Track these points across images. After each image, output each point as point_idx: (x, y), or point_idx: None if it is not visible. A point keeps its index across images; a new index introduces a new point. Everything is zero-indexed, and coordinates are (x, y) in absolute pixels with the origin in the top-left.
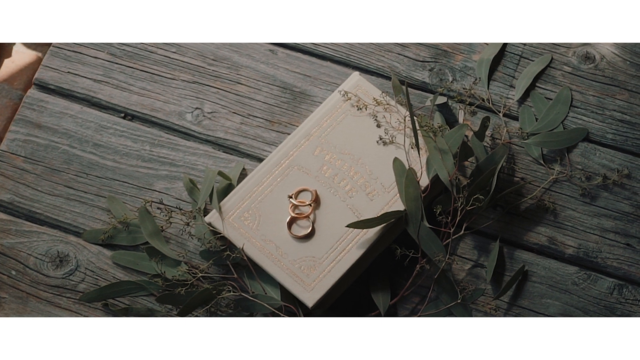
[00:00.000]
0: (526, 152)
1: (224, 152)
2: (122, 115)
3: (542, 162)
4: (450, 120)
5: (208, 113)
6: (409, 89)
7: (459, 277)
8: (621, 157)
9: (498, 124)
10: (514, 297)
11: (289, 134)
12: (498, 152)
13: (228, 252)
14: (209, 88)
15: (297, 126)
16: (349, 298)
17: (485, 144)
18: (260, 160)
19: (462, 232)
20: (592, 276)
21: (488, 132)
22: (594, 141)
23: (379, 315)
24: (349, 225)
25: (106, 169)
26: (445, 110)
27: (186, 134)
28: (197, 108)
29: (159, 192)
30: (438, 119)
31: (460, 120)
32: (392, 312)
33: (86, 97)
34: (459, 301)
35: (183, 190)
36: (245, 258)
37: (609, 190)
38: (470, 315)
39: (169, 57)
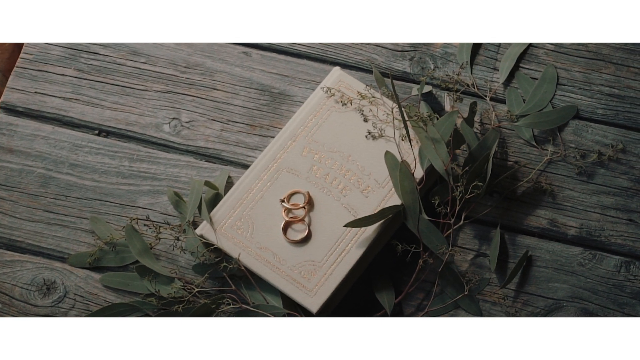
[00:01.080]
0: (517, 134)
1: (206, 161)
2: (97, 132)
3: (534, 143)
4: (436, 109)
5: (186, 122)
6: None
7: (462, 268)
8: (614, 131)
9: (485, 108)
10: (520, 283)
11: (272, 137)
12: (489, 137)
13: (225, 264)
14: (184, 97)
15: (280, 128)
16: (352, 300)
17: (475, 130)
18: (245, 166)
19: (462, 221)
20: (598, 255)
21: (477, 118)
22: (585, 118)
23: (385, 314)
24: (347, 225)
25: (86, 189)
26: (429, 99)
27: (165, 146)
28: (174, 118)
29: (143, 208)
30: (424, 109)
31: (447, 107)
32: (397, 310)
33: (57, 117)
34: (465, 293)
35: (168, 205)
36: (242, 268)
37: (605, 167)
38: (478, 307)
39: (139, 68)
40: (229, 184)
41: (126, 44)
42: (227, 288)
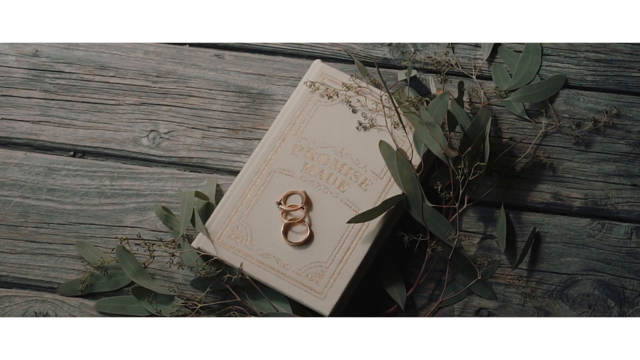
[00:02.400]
0: (508, 110)
1: (191, 171)
2: (72, 153)
3: (527, 117)
4: (422, 92)
5: (165, 133)
6: (371, 68)
7: (470, 253)
8: (605, 97)
9: (473, 87)
10: (531, 262)
11: (256, 139)
12: (482, 116)
13: (228, 275)
14: (159, 107)
15: (263, 129)
16: (362, 297)
17: (466, 110)
18: (231, 172)
19: (466, 205)
20: (606, 225)
21: (465, 98)
22: (575, 86)
23: (398, 309)
24: (350, 221)
25: (68, 214)
26: (414, 83)
27: (146, 160)
28: (151, 130)
29: (131, 227)
30: (411, 94)
31: (433, 90)
32: (410, 303)
33: (28, 142)
34: (479, 278)
35: (157, 221)
36: (247, 278)
37: (602, 134)
38: (492, 290)
39: (109, 83)
40: (219, 192)
41: (92, 59)
42: (231, 300)
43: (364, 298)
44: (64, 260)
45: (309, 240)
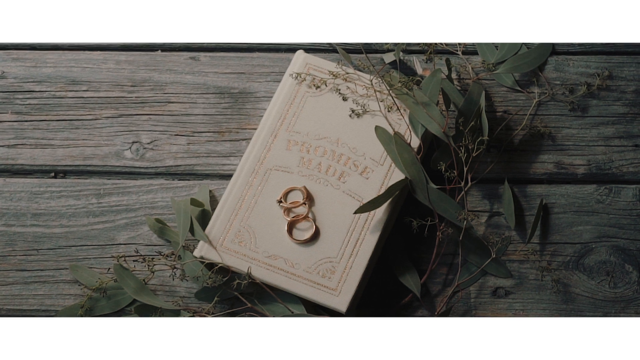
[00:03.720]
0: (498, 83)
1: (180, 179)
2: (52, 174)
3: (518, 88)
4: (408, 74)
5: (148, 144)
6: (354, 55)
7: (479, 232)
8: (595, 60)
9: (460, 63)
10: (543, 235)
11: (244, 139)
12: (474, 91)
13: (238, 280)
14: (138, 117)
15: (250, 129)
16: (372, 290)
17: (457, 87)
18: (222, 176)
19: (470, 183)
20: (614, 189)
21: (454, 75)
22: (563, 52)
23: (414, 298)
24: (357, 212)
25: (57, 238)
26: (394, 65)
27: (132, 173)
28: (134, 142)
29: (125, 244)
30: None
31: (419, 71)
32: (424, 290)
33: (5, 167)
34: (494, 256)
35: (151, 234)
36: (258, 282)
37: (596, 97)
38: (507, 269)
39: (83, 97)
40: (212, 198)
41: (62, 74)
42: (241, 307)
43: (375, 290)
44: (58, 286)
45: (315, 237)
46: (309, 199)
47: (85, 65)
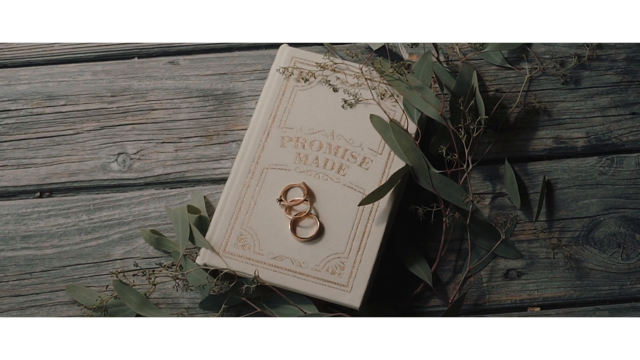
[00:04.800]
0: (487, 62)
1: (171, 188)
2: (38, 194)
3: (508, 65)
4: (394, 60)
5: (134, 154)
6: (336, 45)
7: (485, 215)
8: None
9: (447, 45)
10: (549, 212)
11: (233, 141)
12: (464, 72)
13: (247, 285)
14: (122, 128)
15: (238, 130)
16: (379, 283)
17: (447, 69)
18: (214, 181)
19: (472, 165)
20: (615, 159)
21: (442, 58)
22: None
23: (425, 287)
24: (361, 203)
25: (50, 259)
26: (383, 52)
27: (121, 186)
28: (119, 153)
29: (121, 259)
30: (386, 63)
31: (405, 56)
32: (435, 279)
33: None
34: (503, 238)
35: (147, 247)
36: (267, 284)
37: (588, 68)
38: (516, 249)
39: (61, 112)
40: (207, 203)
41: (37, 90)
42: (250, 313)
43: (383, 283)
44: (56, 309)
45: (320, 233)
46: (310, 195)
47: (61, 79)
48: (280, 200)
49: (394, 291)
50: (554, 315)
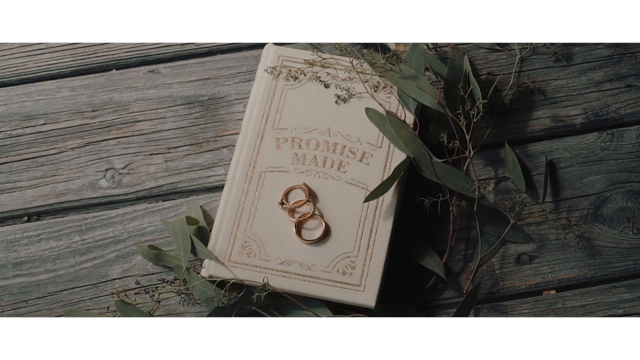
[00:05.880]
0: (476, 46)
1: (164, 200)
2: (25, 219)
3: (498, 47)
4: (382, 51)
5: (122, 168)
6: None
7: (490, 200)
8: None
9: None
10: (554, 192)
11: (224, 147)
12: (455, 57)
13: (257, 294)
14: (107, 142)
15: (228, 135)
16: (388, 279)
17: (436, 56)
18: (209, 189)
19: (473, 151)
20: (616, 133)
21: (430, 44)
22: None
23: (437, 280)
24: (366, 200)
25: (45, 285)
26: (367, 45)
27: (112, 202)
28: (107, 169)
29: (120, 278)
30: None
31: (392, 47)
32: (447, 270)
33: None
34: (512, 223)
35: (146, 263)
36: (278, 291)
37: (578, 44)
38: (525, 233)
39: (42, 132)
40: (204, 213)
41: (14, 111)
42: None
43: (393, 278)
44: None
45: (326, 234)
46: (312, 195)
47: (38, 98)
48: (282, 203)
49: (404, 286)
50: (570, 297)
